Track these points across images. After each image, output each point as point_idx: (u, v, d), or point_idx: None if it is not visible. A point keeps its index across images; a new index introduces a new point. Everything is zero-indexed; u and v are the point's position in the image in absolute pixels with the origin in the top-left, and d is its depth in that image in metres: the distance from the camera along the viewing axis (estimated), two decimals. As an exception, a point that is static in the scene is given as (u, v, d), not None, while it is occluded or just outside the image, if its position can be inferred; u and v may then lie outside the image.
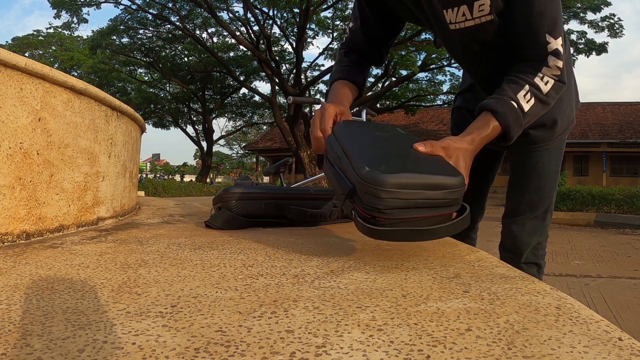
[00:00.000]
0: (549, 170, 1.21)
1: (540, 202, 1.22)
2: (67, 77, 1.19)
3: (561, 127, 1.18)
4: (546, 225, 1.25)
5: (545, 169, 1.20)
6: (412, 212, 0.72)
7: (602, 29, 14.43)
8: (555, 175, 1.23)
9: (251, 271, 0.76)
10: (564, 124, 1.18)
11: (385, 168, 0.72)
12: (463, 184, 0.75)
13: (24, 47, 24.25)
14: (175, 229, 1.31)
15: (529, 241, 1.23)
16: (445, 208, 0.75)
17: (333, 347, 0.45)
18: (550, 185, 1.22)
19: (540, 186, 1.21)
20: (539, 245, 1.24)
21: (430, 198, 0.72)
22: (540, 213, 1.23)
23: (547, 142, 1.18)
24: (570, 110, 1.22)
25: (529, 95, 0.91)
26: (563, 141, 1.22)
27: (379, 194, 0.70)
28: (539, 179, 1.21)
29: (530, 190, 1.22)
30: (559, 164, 1.23)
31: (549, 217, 1.25)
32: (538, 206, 1.22)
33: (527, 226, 1.23)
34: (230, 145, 43.61)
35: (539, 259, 1.25)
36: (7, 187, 1.01)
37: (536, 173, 1.21)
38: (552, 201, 1.25)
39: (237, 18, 16.71)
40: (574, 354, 0.42)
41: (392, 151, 0.81)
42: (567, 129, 1.22)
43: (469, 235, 1.43)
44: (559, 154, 1.22)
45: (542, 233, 1.24)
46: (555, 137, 1.18)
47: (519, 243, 1.24)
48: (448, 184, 0.73)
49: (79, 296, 0.62)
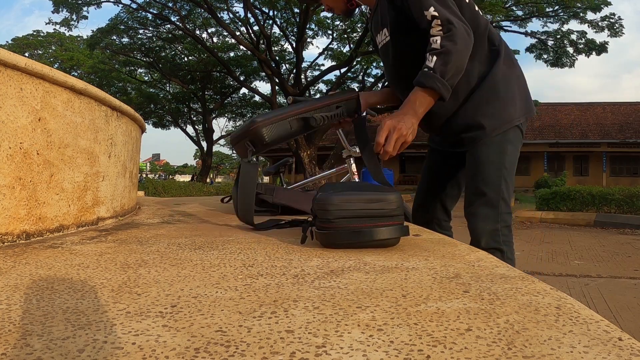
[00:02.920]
0: (490, 161, 1.34)
1: (487, 191, 1.34)
2: (67, 77, 1.19)
3: (491, 127, 1.33)
4: (501, 213, 1.35)
5: (486, 160, 1.34)
6: (356, 221, 0.96)
7: (602, 29, 14.42)
8: (500, 166, 1.34)
9: (251, 271, 0.76)
10: (494, 125, 1.34)
11: (333, 192, 0.99)
12: (399, 199, 0.99)
13: (24, 47, 24.26)
14: (175, 229, 1.31)
15: (484, 227, 1.34)
16: (385, 218, 0.96)
17: (333, 347, 0.45)
18: (495, 174, 1.33)
19: (484, 175, 1.34)
20: (496, 231, 1.33)
21: (370, 209, 0.95)
22: (490, 200, 1.34)
23: (483, 140, 1.34)
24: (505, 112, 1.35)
25: (430, 56, 1.17)
26: (506, 138, 1.35)
27: (327, 207, 0.96)
28: (482, 169, 1.35)
29: (475, 180, 1.36)
30: (503, 157, 1.34)
31: (502, 206, 1.34)
32: (486, 194, 1.34)
33: (480, 214, 1.35)
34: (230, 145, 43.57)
35: (500, 244, 1.33)
36: (7, 187, 1.01)
37: (479, 164, 1.36)
38: (504, 191, 1.34)
39: (237, 18, 16.71)
40: (574, 354, 0.42)
41: (350, 186, 1.11)
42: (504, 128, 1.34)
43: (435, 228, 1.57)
44: (500, 148, 1.34)
45: (497, 220, 1.34)
46: (488, 136, 1.33)
47: (476, 230, 1.35)
48: (384, 198, 0.97)
49: (79, 296, 0.62)
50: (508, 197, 1.35)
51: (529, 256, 4.23)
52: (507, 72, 1.37)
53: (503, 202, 1.34)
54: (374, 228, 0.95)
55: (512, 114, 1.35)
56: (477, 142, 1.35)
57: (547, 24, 16.07)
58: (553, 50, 15.56)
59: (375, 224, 0.95)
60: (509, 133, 1.35)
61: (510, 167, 1.36)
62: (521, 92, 1.40)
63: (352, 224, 0.95)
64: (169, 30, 17.56)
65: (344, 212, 0.95)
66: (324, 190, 1.04)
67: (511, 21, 14.99)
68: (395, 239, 0.98)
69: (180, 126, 25.14)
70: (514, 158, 1.37)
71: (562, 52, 15.33)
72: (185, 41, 18.04)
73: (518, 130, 1.38)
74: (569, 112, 23.67)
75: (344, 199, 0.96)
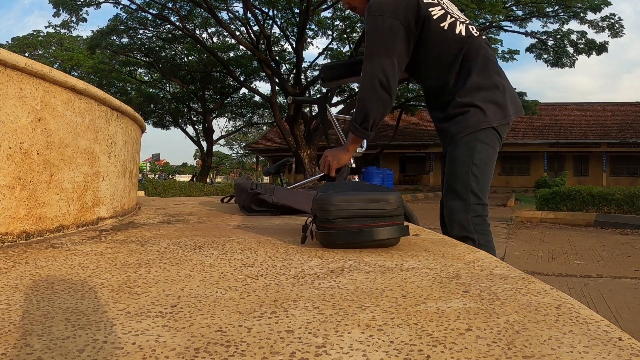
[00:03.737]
0: (459, 158, 1.48)
1: (456, 184, 1.48)
2: (67, 77, 1.19)
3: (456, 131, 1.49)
4: (471, 204, 1.48)
5: (455, 157, 1.49)
6: (356, 221, 0.96)
7: (602, 29, 14.42)
8: (468, 162, 1.47)
9: (251, 271, 0.76)
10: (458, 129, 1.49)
11: (333, 192, 1.00)
12: (399, 199, 1.01)
13: (24, 47, 24.25)
14: (175, 229, 1.31)
15: (455, 218, 1.48)
16: (385, 218, 0.97)
17: (333, 347, 0.45)
18: (463, 170, 1.47)
19: (453, 171, 1.49)
20: (467, 221, 1.46)
21: (370, 209, 0.96)
22: (460, 194, 1.48)
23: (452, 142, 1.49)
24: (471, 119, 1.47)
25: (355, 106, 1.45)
26: (476, 137, 1.47)
27: (327, 207, 0.97)
28: (452, 167, 1.50)
29: (447, 176, 1.52)
30: (472, 154, 1.48)
31: (472, 198, 1.48)
32: (455, 188, 1.48)
33: (450, 206, 1.50)
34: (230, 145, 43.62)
35: (471, 232, 1.46)
36: (7, 187, 1.01)
37: (450, 163, 1.52)
38: (472, 185, 1.48)
39: (237, 18, 16.71)
40: (574, 354, 0.42)
41: (349, 186, 1.13)
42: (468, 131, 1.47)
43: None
44: (469, 146, 1.48)
45: (467, 211, 1.47)
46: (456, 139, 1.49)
47: (448, 221, 1.50)
48: (384, 198, 0.98)
49: (79, 296, 0.62)
50: (479, 190, 1.48)
51: (529, 256, 4.23)
52: (481, 83, 1.51)
53: (472, 195, 1.47)
54: (374, 228, 0.95)
55: (479, 120, 1.48)
56: (450, 143, 1.52)
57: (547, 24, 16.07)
58: (553, 50, 15.57)
59: (375, 224, 0.96)
60: (479, 133, 1.48)
61: (480, 163, 1.47)
62: (496, 100, 1.52)
63: (352, 224, 0.96)
64: (168, 30, 17.56)
65: (343, 212, 0.96)
66: (324, 190, 1.04)
67: (511, 21, 14.99)
68: (395, 239, 0.98)
69: (180, 126, 25.14)
70: (486, 155, 1.49)
71: (562, 52, 15.34)
72: (185, 41, 18.05)
73: (492, 131, 1.50)
74: (569, 112, 23.67)
75: (344, 199, 0.97)
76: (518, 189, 18.55)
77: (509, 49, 14.97)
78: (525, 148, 21.25)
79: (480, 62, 1.53)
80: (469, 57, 1.52)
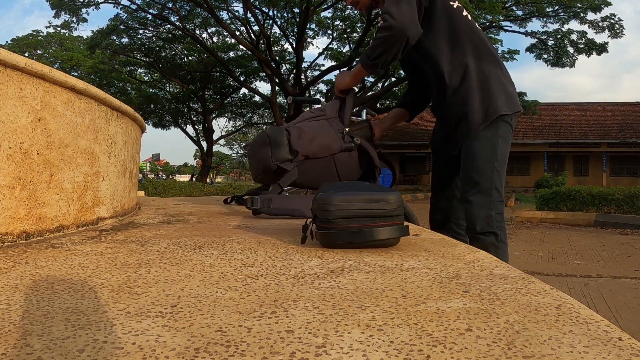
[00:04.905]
0: (482, 153, 1.46)
1: (480, 180, 1.46)
2: (67, 77, 1.19)
3: (474, 119, 1.46)
4: (494, 201, 1.47)
5: (478, 152, 1.47)
6: (356, 221, 0.96)
7: (602, 29, 14.42)
8: (492, 158, 1.46)
9: (251, 271, 0.76)
10: (477, 117, 1.46)
11: (333, 192, 0.99)
12: (399, 199, 1.00)
13: (24, 47, 24.25)
14: (175, 229, 1.31)
15: (479, 213, 1.45)
16: (385, 218, 0.96)
17: (333, 347, 0.45)
18: (487, 166, 1.46)
19: (477, 166, 1.47)
20: (490, 217, 1.45)
21: (370, 208, 0.96)
22: (484, 189, 1.45)
23: (472, 133, 1.47)
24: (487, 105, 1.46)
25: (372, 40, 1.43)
26: (496, 133, 1.46)
27: (327, 207, 0.96)
28: (474, 160, 1.47)
29: (469, 170, 1.48)
30: (492, 151, 1.46)
31: (495, 194, 1.47)
32: (479, 183, 1.46)
33: (474, 201, 1.46)
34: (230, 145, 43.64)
35: (494, 228, 1.45)
36: (7, 187, 1.01)
37: (471, 156, 1.48)
38: (496, 181, 1.46)
39: (237, 18, 16.71)
40: (574, 354, 0.42)
41: (349, 186, 1.10)
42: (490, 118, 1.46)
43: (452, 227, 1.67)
44: (492, 142, 1.47)
45: (491, 207, 1.46)
46: (474, 127, 1.46)
47: (472, 216, 1.47)
48: (384, 198, 0.97)
49: (79, 296, 0.62)
50: (500, 187, 1.47)
51: (529, 256, 4.23)
52: (492, 70, 1.50)
53: (495, 191, 1.46)
54: (374, 228, 0.95)
55: (497, 107, 1.47)
56: (470, 137, 1.48)
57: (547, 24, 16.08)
58: (553, 50, 15.56)
59: (375, 224, 0.96)
60: (500, 128, 1.47)
61: (501, 160, 1.48)
62: (504, 89, 1.52)
63: (352, 224, 0.96)
64: (168, 30, 17.56)
65: (344, 212, 0.96)
66: (324, 190, 1.04)
67: (511, 21, 14.99)
68: (395, 238, 0.98)
69: (180, 126, 25.14)
70: (505, 152, 1.50)
71: (563, 52, 15.34)
72: (185, 41, 18.05)
73: (508, 126, 1.50)
74: (569, 112, 23.67)
75: (344, 198, 0.97)
76: (518, 189, 18.55)
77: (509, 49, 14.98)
78: (525, 148, 21.24)
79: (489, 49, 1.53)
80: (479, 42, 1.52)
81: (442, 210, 1.70)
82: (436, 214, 1.72)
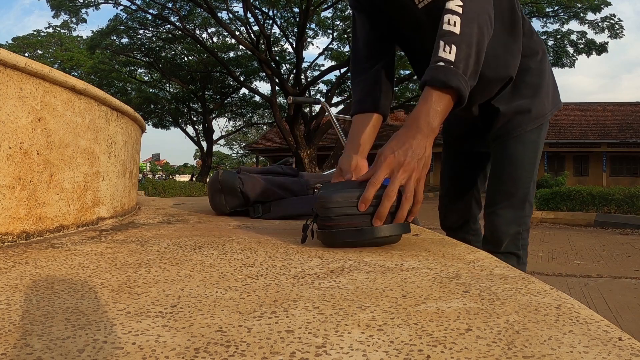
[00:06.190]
0: (523, 160, 1.24)
1: (516, 192, 1.24)
2: (67, 77, 1.19)
3: (535, 116, 1.22)
4: (525, 216, 1.27)
5: (520, 159, 1.24)
6: (357, 219, 0.93)
7: (602, 30, 14.43)
8: (531, 167, 1.25)
9: (251, 271, 0.76)
10: (538, 113, 1.23)
11: (334, 190, 0.97)
12: (399, 195, 0.89)
13: (24, 47, 24.25)
14: (175, 229, 1.31)
15: (507, 230, 1.25)
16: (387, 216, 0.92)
17: (333, 347, 0.45)
18: (526, 175, 1.24)
19: (516, 176, 1.24)
20: (518, 235, 1.26)
21: (371, 206, 0.91)
22: (518, 203, 1.25)
23: (521, 130, 1.22)
24: (547, 103, 1.26)
25: (447, 46, 0.87)
26: (539, 136, 1.25)
27: (328, 205, 0.94)
28: (514, 169, 1.24)
29: (505, 180, 1.25)
30: (534, 157, 1.26)
31: (527, 208, 1.27)
32: (515, 195, 1.24)
33: (504, 216, 1.25)
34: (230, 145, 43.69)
35: (519, 249, 1.28)
36: (7, 187, 1.01)
37: (511, 163, 1.24)
38: (530, 193, 1.27)
39: (237, 18, 16.71)
40: (574, 354, 0.42)
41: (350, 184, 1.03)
42: (541, 121, 1.25)
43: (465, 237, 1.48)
44: (534, 147, 1.25)
45: (521, 223, 1.26)
46: (529, 125, 1.22)
47: (498, 232, 1.26)
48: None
49: (79, 296, 0.62)
50: (532, 198, 1.29)
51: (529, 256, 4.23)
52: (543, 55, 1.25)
53: (528, 204, 1.27)
54: (376, 226, 0.93)
55: (547, 106, 1.25)
56: (511, 137, 1.23)
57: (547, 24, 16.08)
58: (553, 50, 15.57)
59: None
60: (542, 129, 1.26)
61: (537, 167, 1.28)
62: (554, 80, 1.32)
63: (353, 221, 0.93)
64: (168, 30, 17.57)
65: (345, 210, 0.93)
66: (325, 189, 1.02)
67: (511, 21, 14.96)
68: (397, 236, 0.97)
69: (180, 126, 25.15)
70: (539, 157, 1.30)
71: (562, 52, 15.34)
72: (185, 41, 18.06)
73: (547, 125, 1.30)
74: (569, 112, 23.66)
75: (345, 196, 0.94)
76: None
77: (509, 49, 14.94)
78: (525, 148, 21.19)
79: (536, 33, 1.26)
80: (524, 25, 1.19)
81: (460, 211, 1.50)
82: (453, 215, 1.52)
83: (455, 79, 0.85)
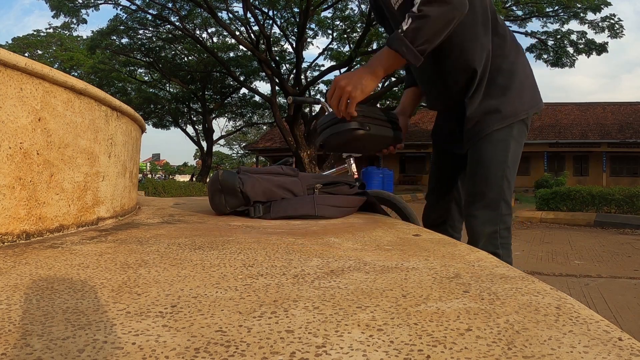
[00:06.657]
0: (492, 160, 1.27)
1: (489, 192, 1.27)
2: (67, 77, 1.19)
3: (504, 115, 1.27)
4: (501, 215, 1.29)
5: (489, 159, 1.27)
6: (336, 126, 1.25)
7: (602, 30, 14.43)
8: (502, 166, 1.27)
9: (251, 271, 0.76)
10: (508, 113, 1.27)
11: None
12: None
13: (24, 47, 24.26)
14: (175, 229, 1.31)
15: (482, 230, 1.28)
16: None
17: (333, 347, 0.45)
18: (496, 175, 1.27)
19: (487, 176, 1.27)
20: (495, 234, 1.28)
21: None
22: (492, 203, 1.27)
23: (489, 130, 1.27)
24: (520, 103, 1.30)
25: (409, 19, 1.11)
26: (510, 135, 1.28)
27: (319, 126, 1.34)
28: (485, 169, 1.28)
29: (477, 181, 1.29)
30: (505, 156, 1.28)
31: (504, 207, 1.28)
32: (487, 196, 1.27)
33: (480, 216, 1.29)
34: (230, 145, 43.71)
35: (497, 248, 1.28)
36: (7, 187, 1.01)
37: (481, 163, 1.28)
38: (505, 192, 1.28)
39: (237, 18, 16.72)
40: (574, 354, 0.42)
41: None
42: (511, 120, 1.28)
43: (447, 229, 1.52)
44: (504, 146, 1.28)
45: (497, 222, 1.28)
46: (497, 125, 1.27)
47: (473, 233, 1.30)
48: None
49: (79, 296, 0.62)
50: (509, 198, 1.30)
51: (529, 256, 4.23)
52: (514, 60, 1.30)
53: (504, 203, 1.29)
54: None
55: (521, 106, 1.29)
56: (480, 138, 1.28)
57: (547, 24, 16.09)
58: (553, 50, 15.57)
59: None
60: (514, 128, 1.28)
61: (512, 166, 1.29)
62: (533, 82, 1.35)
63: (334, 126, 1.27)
64: (168, 30, 17.57)
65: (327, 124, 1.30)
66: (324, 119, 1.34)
67: (511, 21, 14.99)
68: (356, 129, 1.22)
69: (180, 126, 25.16)
70: (517, 155, 1.31)
71: (562, 52, 15.34)
72: (185, 41, 18.06)
73: (523, 125, 1.32)
74: (569, 112, 23.67)
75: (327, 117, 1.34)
76: (518, 189, 18.56)
77: (509, 49, 14.94)
78: (525, 148, 21.00)
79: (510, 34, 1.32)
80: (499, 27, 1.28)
81: (440, 210, 1.56)
82: (434, 213, 1.57)
83: (399, 43, 1.11)
